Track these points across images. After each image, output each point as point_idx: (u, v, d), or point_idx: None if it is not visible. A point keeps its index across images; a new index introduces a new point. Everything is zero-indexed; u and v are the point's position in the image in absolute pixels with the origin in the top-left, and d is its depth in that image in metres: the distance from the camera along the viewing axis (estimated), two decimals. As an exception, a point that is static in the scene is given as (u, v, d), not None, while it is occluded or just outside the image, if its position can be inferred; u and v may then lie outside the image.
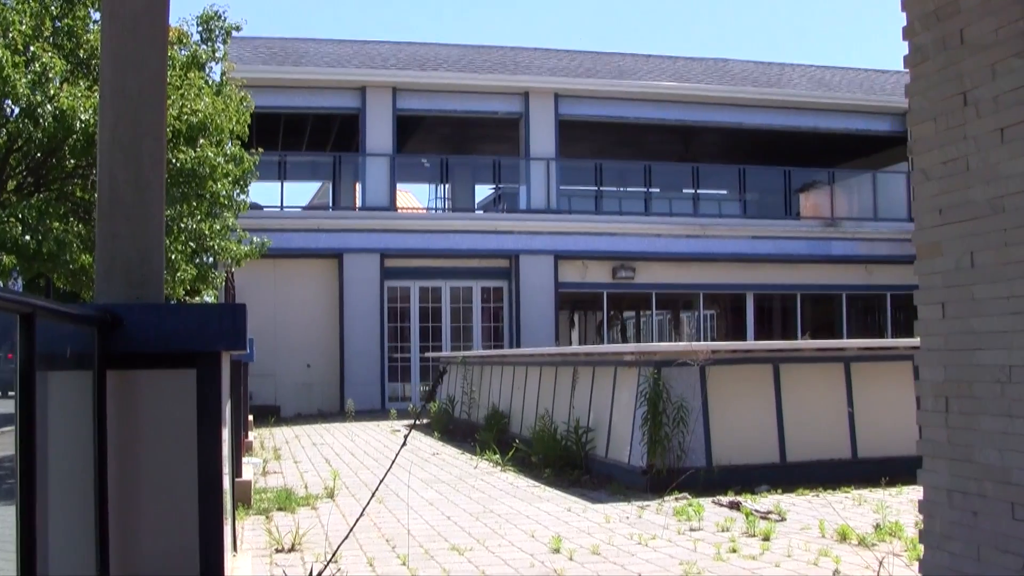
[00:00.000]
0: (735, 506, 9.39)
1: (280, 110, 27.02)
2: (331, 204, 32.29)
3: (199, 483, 4.16)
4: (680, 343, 10.92)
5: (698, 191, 31.43)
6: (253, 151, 16.71)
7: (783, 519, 8.75)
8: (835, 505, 9.60)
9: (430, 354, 26.01)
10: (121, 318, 3.88)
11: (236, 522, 8.00)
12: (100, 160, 4.44)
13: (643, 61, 31.91)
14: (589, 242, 28.05)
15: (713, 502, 9.77)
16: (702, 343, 11.18)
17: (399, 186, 30.01)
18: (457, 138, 32.32)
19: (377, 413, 24.56)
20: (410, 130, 29.81)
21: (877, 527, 8.08)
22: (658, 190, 31.90)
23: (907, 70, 5.63)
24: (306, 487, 11.55)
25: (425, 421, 21.30)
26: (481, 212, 33.43)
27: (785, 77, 31.93)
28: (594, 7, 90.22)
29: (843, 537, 7.88)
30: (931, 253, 5.39)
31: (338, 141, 31.22)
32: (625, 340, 36.96)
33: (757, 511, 8.84)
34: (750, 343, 12.25)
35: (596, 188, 30.67)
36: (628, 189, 32.53)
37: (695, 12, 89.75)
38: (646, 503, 9.85)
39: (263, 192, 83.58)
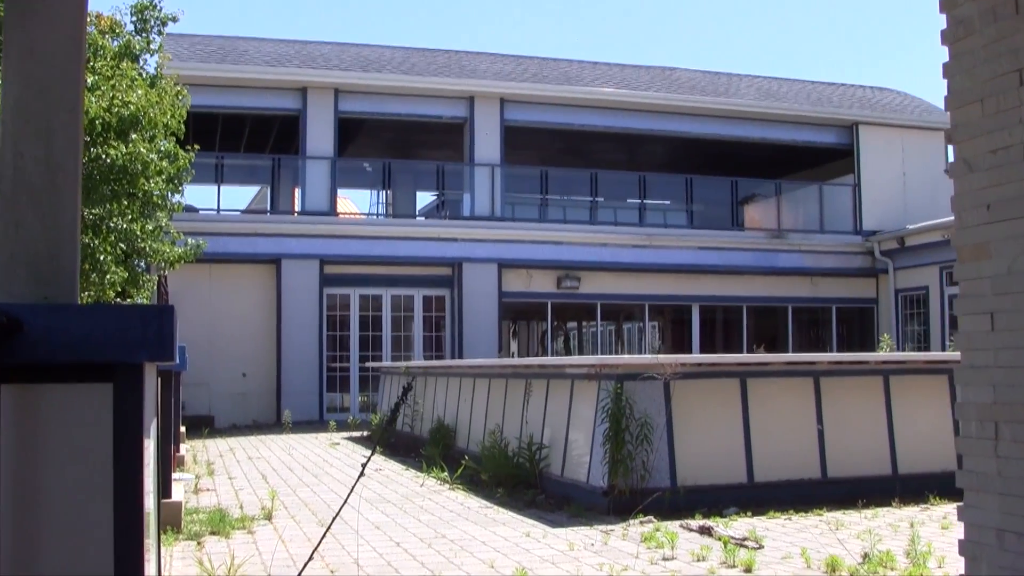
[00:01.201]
0: (706, 531, 8.76)
1: (218, 110, 26.13)
2: (269, 208, 31.45)
3: (115, 519, 3.43)
4: (645, 356, 10.30)
5: (644, 201, 30.94)
6: (189, 148, 15.88)
7: (760, 546, 8.13)
8: (811, 530, 9.02)
9: (370, 364, 25.27)
10: (21, 321, 3.14)
11: (163, 550, 7.24)
12: (3, 131, 3.70)
13: (590, 68, 31.38)
14: (534, 251, 27.43)
15: (681, 526, 9.14)
16: (670, 356, 10.54)
17: (339, 192, 29.21)
18: (400, 143, 31.58)
19: (315, 424, 23.75)
20: (352, 133, 29.05)
21: (866, 556, 7.50)
22: (603, 199, 31.37)
23: (945, 46, 4.98)
24: (241, 507, 10.77)
25: (364, 434, 20.56)
26: (423, 219, 32.69)
27: (732, 87, 31.55)
28: (541, 14, 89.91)
29: (832, 568, 7.28)
30: (976, 255, 4.74)
31: (277, 143, 30.34)
32: (569, 351, 36.37)
33: (732, 538, 8.21)
34: (717, 356, 11.68)
35: (541, 196, 30.09)
36: (574, 198, 31.97)
37: (642, 21, 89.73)
38: (610, 527, 9.19)
39: (199, 195, 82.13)
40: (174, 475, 11.07)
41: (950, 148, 4.99)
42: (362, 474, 4.11)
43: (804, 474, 10.75)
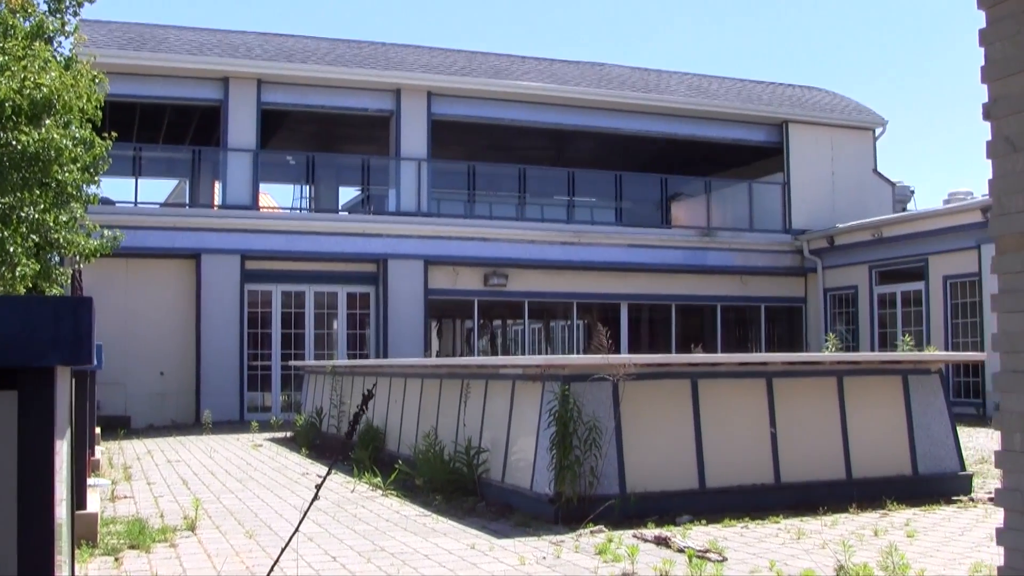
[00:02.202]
0: (663, 542, 8.25)
1: (136, 99, 25.20)
2: (188, 202, 30.54)
3: (18, 549, 2.82)
4: (594, 356, 9.73)
5: (573, 198, 30.50)
6: (106, 136, 15.05)
7: (724, 559, 7.64)
8: (771, 539, 8.56)
9: (293, 362, 24.55)
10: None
11: (77, 568, 6.59)
12: None
13: (519, 62, 30.87)
14: (461, 247, 26.89)
15: (635, 536, 8.63)
16: (622, 356, 10.02)
17: (260, 186, 28.36)
18: (324, 136, 30.82)
19: (236, 425, 22.97)
20: (274, 126, 28.26)
21: (841, 569, 7.03)
22: (531, 196, 30.88)
23: (982, 10, 4.48)
24: (162, 516, 10.06)
25: (288, 435, 19.85)
26: (348, 214, 31.94)
27: (663, 83, 31.24)
28: (469, 6, 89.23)
29: (808, 585, 6.81)
30: (1019, 246, 4.23)
31: (197, 135, 29.44)
32: (495, 350, 35.84)
33: (695, 550, 7.70)
34: (667, 356, 11.21)
35: (468, 192, 29.55)
36: (501, 194, 31.44)
37: (572, 17, 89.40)
38: (559, 537, 8.65)
39: (115, 188, 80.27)
40: (89, 481, 10.34)
41: (987, 125, 4.45)
42: (316, 496, 3.54)
43: (757, 479, 10.30)
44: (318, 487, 3.48)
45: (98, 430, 16.71)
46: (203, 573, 7.33)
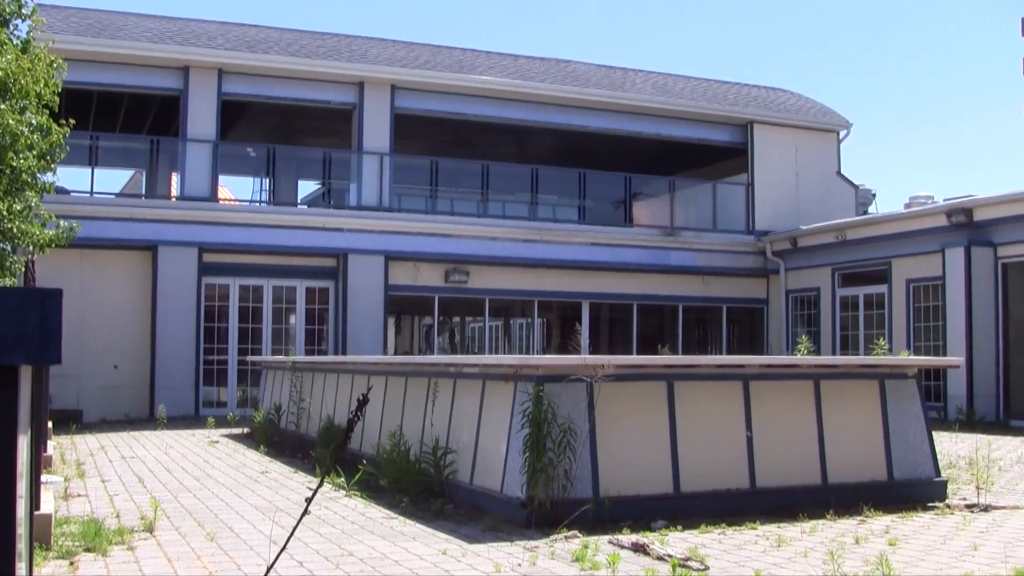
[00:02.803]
0: (640, 549, 7.99)
1: (93, 87, 24.69)
2: (145, 193, 30.03)
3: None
4: (571, 356, 9.48)
5: (536, 195, 30.24)
6: (63, 122, 14.62)
7: (706, 567, 7.39)
8: (751, 547, 8.32)
9: (250, 357, 24.15)
10: None
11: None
12: None
13: (483, 57, 30.57)
14: (422, 243, 26.58)
15: (611, 542, 8.36)
16: (599, 356, 9.74)
17: (218, 178, 27.88)
18: (284, 128, 30.40)
19: (191, 420, 22.53)
20: (234, 117, 27.79)
21: (827, 582, 6.81)
22: (494, 192, 30.60)
23: None
24: (118, 516, 9.68)
25: (245, 431, 19.47)
26: (308, 207, 31.51)
27: (628, 82, 31.04)
28: (434, 0, 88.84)
29: (798, 598, 6.57)
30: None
31: (155, 125, 28.94)
32: (454, 348, 35.54)
33: (675, 558, 7.45)
34: (644, 357, 10.98)
35: (431, 187, 29.25)
36: (463, 189, 31.16)
37: (537, 14, 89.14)
38: (533, 543, 8.37)
39: (71, 178, 79.25)
40: (42, 478, 9.96)
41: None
42: (306, 511, 3.25)
43: (732, 484, 10.07)
44: (308, 500, 3.20)
45: (50, 424, 16.26)
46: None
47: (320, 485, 3.16)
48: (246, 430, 19.42)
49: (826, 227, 28.11)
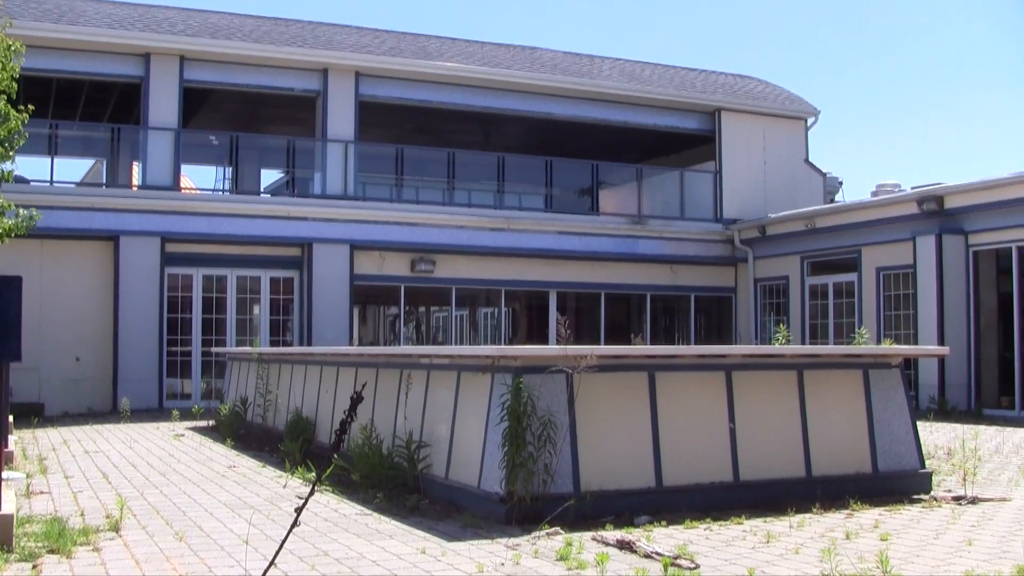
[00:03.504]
0: (626, 546, 7.72)
1: (52, 74, 24.19)
2: (106, 181, 29.50)
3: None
4: (551, 346, 9.20)
5: (503, 183, 29.94)
6: (22, 108, 14.18)
7: (696, 566, 7.13)
8: (739, 543, 8.06)
9: (214, 348, 23.74)
10: None
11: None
12: None
13: (449, 44, 30.21)
14: (388, 232, 26.23)
15: (595, 539, 8.08)
16: (583, 346, 9.44)
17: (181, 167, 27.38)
18: (247, 116, 29.92)
19: (155, 413, 22.12)
20: (196, 105, 27.30)
21: (826, 580, 6.57)
22: (460, 180, 30.26)
23: None
24: (83, 515, 9.30)
25: (210, 423, 19.08)
26: (269, 196, 31.07)
27: (595, 68, 30.78)
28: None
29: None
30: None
31: (116, 113, 28.41)
32: (420, 338, 35.19)
33: (664, 555, 7.17)
34: (624, 347, 10.69)
35: (396, 176, 28.88)
36: (429, 178, 30.82)
37: (503, 0, 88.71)
38: (514, 541, 8.08)
39: (30, 168, 78.14)
40: (3, 475, 9.57)
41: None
42: (296, 522, 2.95)
43: (716, 477, 9.82)
44: (299, 510, 2.90)
45: (11, 418, 15.80)
46: (132, 583, 6.67)
47: (311, 493, 2.87)
48: (211, 423, 19.02)
49: (795, 215, 27.97)
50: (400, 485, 10.54)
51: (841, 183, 35.02)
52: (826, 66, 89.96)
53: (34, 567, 7.03)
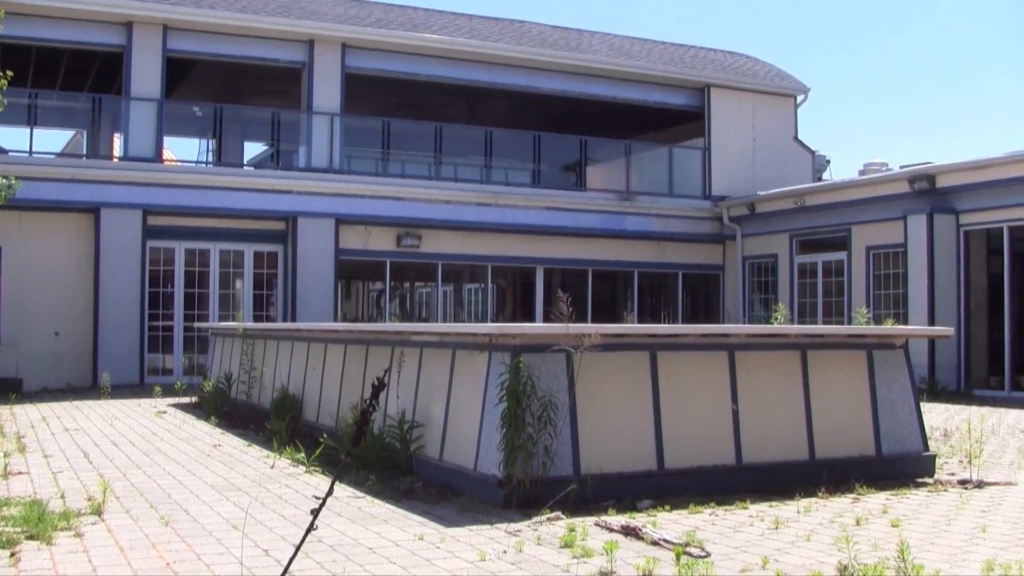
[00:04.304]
0: (632, 532, 7.43)
1: (31, 42, 23.65)
2: (86, 153, 29.01)
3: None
4: (554, 324, 8.86)
5: (490, 158, 29.58)
6: (1, 75, 13.76)
7: (706, 553, 6.85)
8: (747, 529, 7.79)
9: (196, 323, 23.36)
10: None
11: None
12: None
13: (437, 16, 29.76)
14: (373, 206, 25.85)
15: (598, 524, 7.80)
16: (587, 325, 9.13)
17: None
18: (231, 88, 29.44)
19: (136, 389, 21.75)
20: (179, 76, 26.80)
21: (845, 569, 6.27)
22: (446, 155, 29.88)
23: None
24: (63, 497, 8.96)
25: (193, 400, 18.73)
26: (257, 169, 30.60)
27: (584, 43, 30.40)
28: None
29: (817, 590, 6.04)
30: None
31: (97, 83, 27.90)
32: (405, 314, 34.83)
33: (681, 546, 6.88)
34: (626, 326, 10.38)
35: (383, 149, 28.48)
36: (415, 152, 30.43)
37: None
38: (514, 526, 7.78)
39: (9, 138, 77.28)
40: (-22, 455, 9.24)
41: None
42: (313, 526, 2.64)
43: (718, 460, 9.54)
44: (316, 512, 2.59)
45: (-12, 395, 15.46)
46: (117, 574, 6.32)
47: (330, 493, 2.56)
48: (194, 399, 18.67)
49: (785, 193, 27.70)
50: (392, 467, 10.25)
51: (828, 161, 34.74)
52: (813, 45, 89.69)
53: (12, 555, 6.68)
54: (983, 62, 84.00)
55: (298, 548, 3.91)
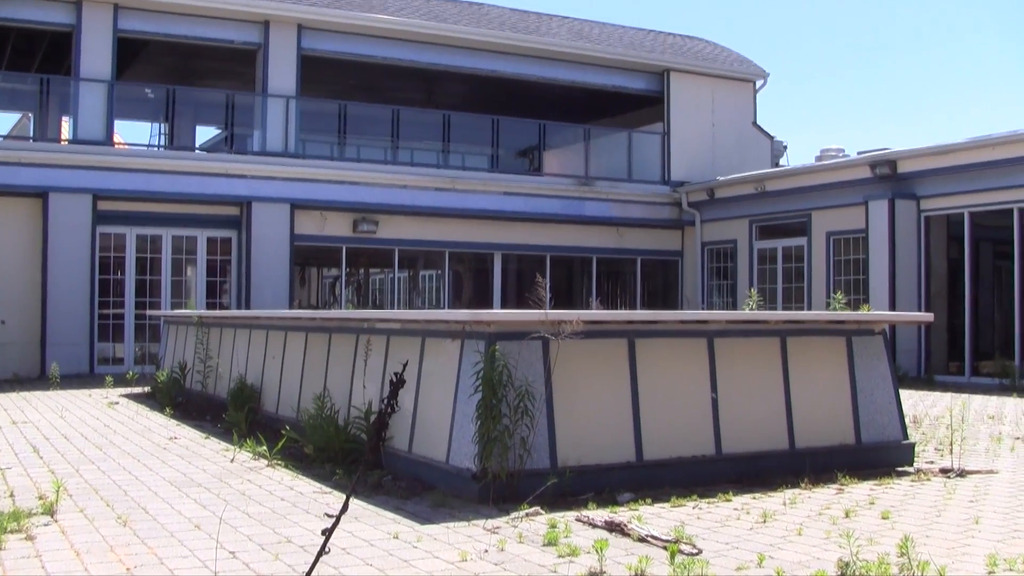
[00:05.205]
0: (616, 528, 7.09)
1: (-27, 21, 23.00)
2: (33, 135, 28.29)
3: None
4: (530, 311, 8.50)
5: (448, 142, 29.17)
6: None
7: (698, 550, 6.52)
8: (734, 523, 7.48)
9: (148, 311, 22.82)
10: None
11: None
12: None
13: (394, -2, 29.28)
14: (329, 191, 25.38)
15: (580, 520, 7.45)
16: (565, 311, 8.77)
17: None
18: (184, 70, 28.81)
19: (86, 379, 21.19)
20: (130, 57, 26.17)
21: (847, 567, 5.97)
22: (404, 139, 29.42)
23: None
24: (12, 495, 8.48)
25: (146, 390, 18.22)
26: (210, 153, 30.00)
27: (544, 26, 30.01)
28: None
29: (821, 590, 5.73)
30: None
31: (45, 64, 27.16)
32: (362, 300, 34.37)
33: (672, 543, 6.55)
34: (603, 312, 10.01)
35: (339, 133, 27.98)
36: (372, 136, 29.95)
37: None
38: (493, 523, 7.42)
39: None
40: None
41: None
42: (325, 549, 2.27)
43: (698, 450, 9.23)
44: (329, 532, 2.23)
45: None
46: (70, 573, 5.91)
47: (344, 510, 2.18)
48: (147, 389, 18.16)
49: (745, 178, 27.50)
50: (358, 459, 9.85)
51: (786, 147, 34.62)
52: (770, 31, 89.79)
53: (-41, 559, 6.26)
54: (940, 48, 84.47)
55: (311, 568, 3.52)
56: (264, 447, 10.61)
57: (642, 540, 6.78)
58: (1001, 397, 18.60)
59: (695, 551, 6.49)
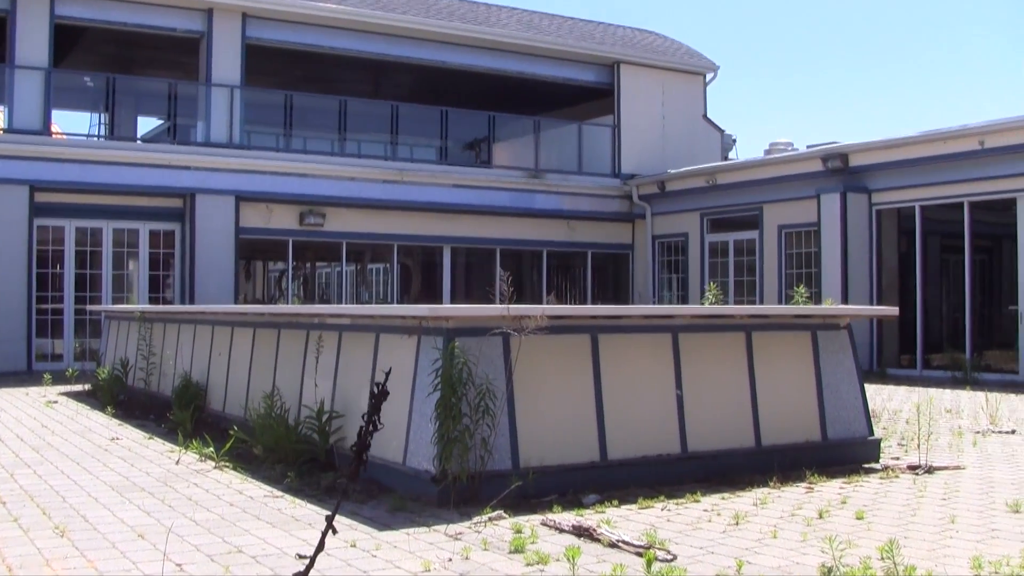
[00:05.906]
0: (584, 533, 6.75)
1: (-95, 6, 22.25)
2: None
3: None
4: (491, 306, 8.14)
5: (396, 134, 28.74)
6: None
7: (673, 556, 6.20)
8: (706, 525, 7.17)
9: (88, 306, 22.25)
10: None
11: None
12: None
13: (341, -14, 28.75)
14: (275, 183, 24.87)
15: (545, 524, 7.11)
16: (528, 306, 8.41)
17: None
18: (125, 58, 28.09)
19: (23, 376, 20.58)
20: (69, 45, 25.48)
21: (829, 572, 5.69)
22: (351, 130, 28.92)
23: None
24: (-58, 502, 8.05)
25: (86, 388, 17.65)
26: (146, 143, 29.32)
27: (493, 17, 29.64)
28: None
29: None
30: None
31: (-22, 51, 26.41)
32: (308, 294, 33.84)
33: (645, 549, 6.22)
34: (566, 307, 9.65)
35: (285, 124, 27.46)
36: (318, 128, 29.41)
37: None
38: (454, 528, 7.06)
39: None
40: None
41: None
42: (312, 565, 1.91)
43: (663, 449, 8.93)
44: (316, 551, 1.87)
45: None
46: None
47: (329, 526, 1.85)
48: (88, 387, 17.59)
49: (696, 171, 27.32)
50: (310, 460, 9.46)
51: (735, 140, 34.47)
52: (717, 24, 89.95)
53: None
54: (887, 42, 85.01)
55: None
56: (211, 448, 10.17)
57: (613, 546, 6.45)
58: (955, 390, 18.54)
59: (670, 557, 6.18)
